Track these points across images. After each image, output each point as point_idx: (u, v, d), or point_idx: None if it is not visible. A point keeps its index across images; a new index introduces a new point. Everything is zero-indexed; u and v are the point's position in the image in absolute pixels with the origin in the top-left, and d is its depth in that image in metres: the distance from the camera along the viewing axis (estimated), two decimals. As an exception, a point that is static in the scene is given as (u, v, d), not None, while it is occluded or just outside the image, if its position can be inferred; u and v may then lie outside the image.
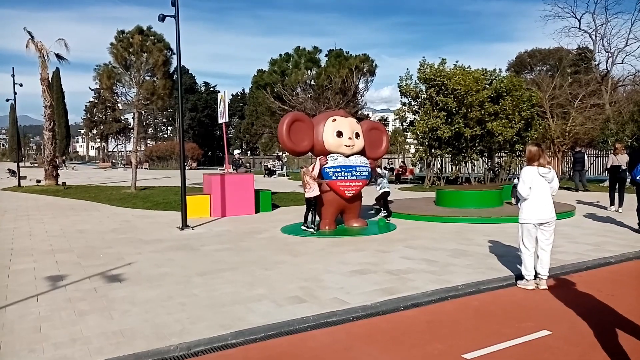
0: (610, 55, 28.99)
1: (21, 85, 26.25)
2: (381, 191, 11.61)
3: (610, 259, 7.48)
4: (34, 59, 24.42)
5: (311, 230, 9.86)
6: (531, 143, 6.36)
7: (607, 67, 29.86)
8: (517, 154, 21.03)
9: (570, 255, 7.52)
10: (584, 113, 23.49)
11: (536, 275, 6.07)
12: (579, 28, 30.47)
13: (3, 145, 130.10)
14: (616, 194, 12.91)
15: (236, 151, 19.02)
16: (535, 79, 30.09)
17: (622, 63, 33.85)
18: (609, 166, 13.39)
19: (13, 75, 26.08)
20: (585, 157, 18.85)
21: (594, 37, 30.03)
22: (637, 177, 9.47)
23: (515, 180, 12.47)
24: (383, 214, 11.66)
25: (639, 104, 21.91)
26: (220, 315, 5.03)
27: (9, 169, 35.89)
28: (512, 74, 27.44)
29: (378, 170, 11.59)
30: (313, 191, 9.79)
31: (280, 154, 38.95)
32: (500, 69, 21.74)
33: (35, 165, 64.20)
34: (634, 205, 10.08)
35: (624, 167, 12.79)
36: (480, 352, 4.16)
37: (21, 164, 31.69)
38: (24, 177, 27.43)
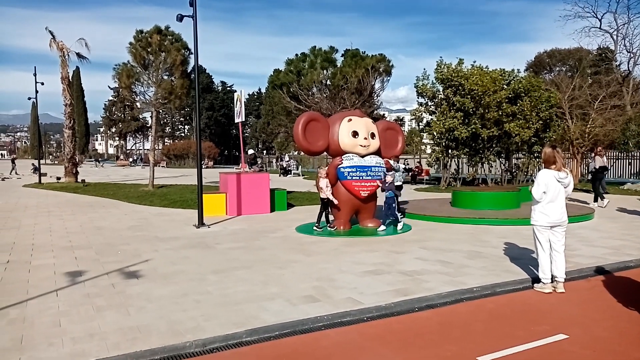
0: (632, 55, 28.59)
1: (42, 83, 26.82)
2: (396, 184, 10.62)
3: (629, 262, 7.35)
4: (55, 58, 24.94)
5: (329, 227, 10.06)
6: (547, 145, 6.27)
7: (628, 67, 29.42)
8: (535, 155, 20.76)
9: (588, 259, 7.41)
10: (604, 114, 23.04)
11: (553, 278, 6.00)
12: (600, 28, 30.07)
13: (25, 142, 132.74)
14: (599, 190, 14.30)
15: (250, 150, 19.10)
16: (554, 79, 29.59)
17: (644, 64, 33.25)
18: (597, 166, 14.63)
19: (35, 74, 26.63)
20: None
21: (615, 37, 29.64)
22: None
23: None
24: (399, 216, 10.74)
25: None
26: (234, 313, 5.07)
27: (33, 164, 36.60)
28: (531, 74, 27.04)
29: (391, 162, 10.77)
30: (326, 193, 10.02)
31: (284, 155, 39.04)
32: (518, 70, 21.45)
33: (56, 162, 65.37)
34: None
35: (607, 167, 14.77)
36: (494, 355, 4.13)
37: (42, 161, 32.27)
38: (45, 174, 27.94)
